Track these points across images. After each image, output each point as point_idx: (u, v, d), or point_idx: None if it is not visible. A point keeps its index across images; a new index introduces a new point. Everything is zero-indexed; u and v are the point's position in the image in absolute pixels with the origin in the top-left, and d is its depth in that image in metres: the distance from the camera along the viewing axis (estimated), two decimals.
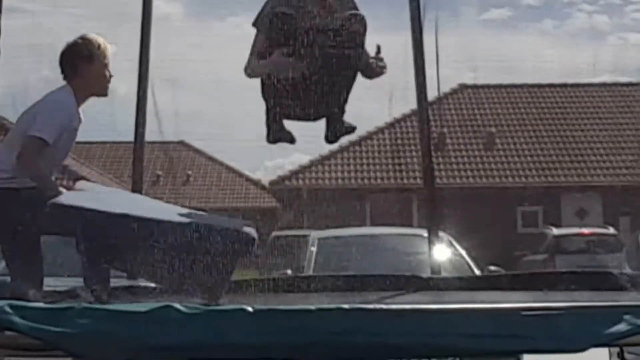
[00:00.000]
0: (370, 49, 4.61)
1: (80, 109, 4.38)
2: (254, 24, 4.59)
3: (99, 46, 4.35)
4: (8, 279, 4.20)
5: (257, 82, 4.57)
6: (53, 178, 4.35)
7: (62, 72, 4.37)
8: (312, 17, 4.44)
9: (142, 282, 5.18)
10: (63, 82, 4.35)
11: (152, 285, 4.82)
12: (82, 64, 4.31)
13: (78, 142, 4.56)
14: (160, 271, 3.93)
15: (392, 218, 19.93)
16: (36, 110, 4.23)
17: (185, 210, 4.23)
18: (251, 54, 4.55)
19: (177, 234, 3.84)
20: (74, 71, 4.32)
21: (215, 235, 3.86)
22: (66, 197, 4.01)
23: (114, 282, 4.28)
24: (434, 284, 4.91)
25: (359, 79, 4.62)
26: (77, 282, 4.29)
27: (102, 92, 4.46)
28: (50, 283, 4.37)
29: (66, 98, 4.27)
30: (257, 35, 4.57)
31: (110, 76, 4.43)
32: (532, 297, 4.21)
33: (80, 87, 4.32)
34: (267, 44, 4.42)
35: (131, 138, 5.89)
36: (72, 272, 4.57)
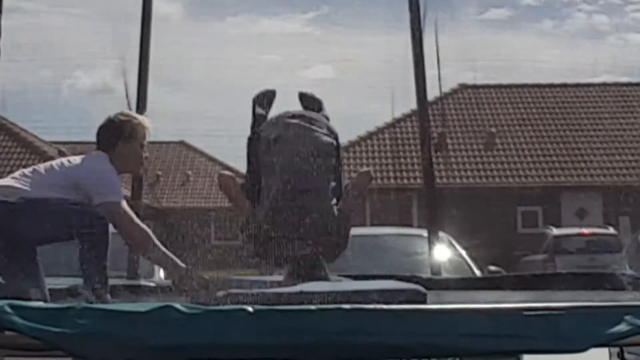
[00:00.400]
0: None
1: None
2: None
3: (141, 127, 4.36)
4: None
5: (256, 81, 4.57)
6: None
7: (98, 143, 4.33)
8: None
9: (143, 282, 5.19)
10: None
11: (152, 284, 4.83)
12: (122, 142, 4.29)
13: (78, 143, 4.57)
14: None
15: (392, 218, 19.94)
16: (84, 178, 4.11)
17: None
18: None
19: None
20: (112, 147, 4.28)
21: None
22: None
23: (114, 282, 4.29)
24: (435, 284, 4.91)
25: (359, 80, 4.62)
26: (77, 281, 4.29)
27: (136, 171, 4.50)
28: (50, 282, 4.36)
29: (112, 167, 4.21)
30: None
31: (146, 157, 4.41)
32: (532, 297, 4.21)
33: (116, 163, 4.27)
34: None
35: None
36: (71, 271, 4.56)
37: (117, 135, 4.30)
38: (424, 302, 3.51)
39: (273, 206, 4.24)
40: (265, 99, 4.70)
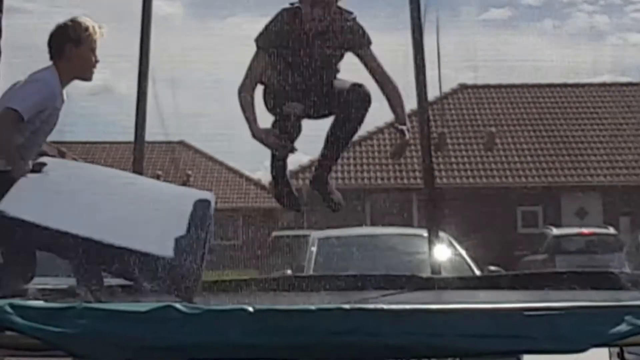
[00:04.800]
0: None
1: (64, 91, 4.35)
2: (256, 40, 4.56)
3: (86, 29, 4.34)
4: None
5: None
6: (30, 161, 4.21)
7: (50, 52, 4.36)
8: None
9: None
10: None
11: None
12: (68, 46, 4.30)
13: (78, 142, 4.57)
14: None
15: (392, 218, 19.94)
16: (17, 87, 4.22)
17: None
18: (247, 76, 4.54)
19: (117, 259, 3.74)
20: (60, 53, 4.31)
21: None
22: (13, 205, 3.80)
23: (114, 282, 4.28)
24: (434, 284, 4.91)
25: (359, 80, 4.63)
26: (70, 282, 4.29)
27: (87, 76, 4.43)
28: (50, 282, 4.36)
29: (49, 77, 4.25)
30: (257, 54, 4.55)
31: (96, 61, 4.40)
32: (532, 297, 4.21)
33: (65, 69, 4.30)
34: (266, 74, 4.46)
35: (131, 138, 5.88)
36: (70, 272, 4.57)
37: (65, 40, 4.31)
38: None
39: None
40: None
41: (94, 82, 4.44)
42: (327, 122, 4.76)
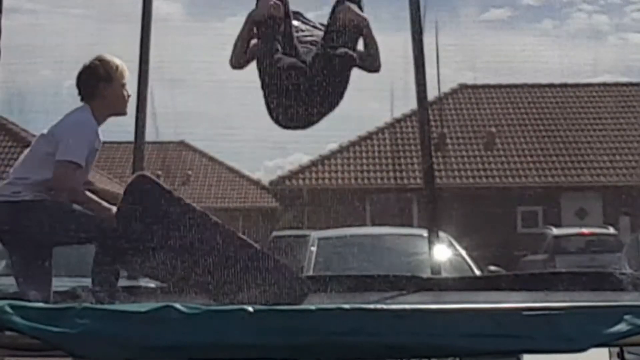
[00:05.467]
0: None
1: (100, 129, 4.39)
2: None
3: (116, 67, 4.39)
4: (6, 279, 4.20)
5: (256, 81, 4.57)
6: None
7: (80, 93, 4.39)
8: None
9: (143, 282, 5.19)
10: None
11: (152, 285, 4.83)
12: (101, 85, 4.34)
13: None
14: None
15: (392, 218, 19.93)
16: (60, 133, 4.22)
17: None
18: (235, 43, 4.55)
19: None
20: (92, 92, 4.34)
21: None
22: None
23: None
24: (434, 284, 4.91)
25: (359, 80, 4.63)
26: (77, 282, 4.30)
27: (122, 111, 4.51)
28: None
29: (89, 119, 4.29)
30: (246, 23, 4.56)
31: (129, 96, 4.47)
32: (532, 297, 4.21)
33: (100, 108, 4.34)
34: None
35: (131, 138, 5.89)
36: (72, 272, 4.58)
37: (96, 79, 4.34)
38: None
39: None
40: None
41: None
42: (328, 123, 4.76)
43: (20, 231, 4.03)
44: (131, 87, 5.63)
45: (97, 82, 4.34)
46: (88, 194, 4.22)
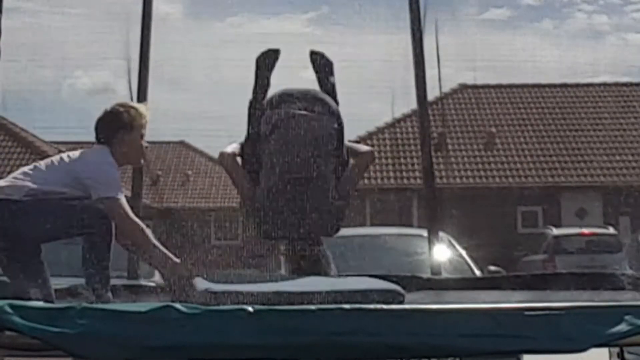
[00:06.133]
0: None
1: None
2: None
3: (139, 115, 4.32)
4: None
5: None
6: None
7: (97, 136, 4.30)
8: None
9: (143, 282, 5.19)
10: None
11: (152, 284, 4.83)
12: (121, 133, 4.25)
13: (79, 142, 4.55)
14: None
15: (392, 218, 19.93)
16: (88, 171, 4.10)
17: None
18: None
19: None
20: (111, 138, 4.25)
21: None
22: None
23: (114, 282, 4.28)
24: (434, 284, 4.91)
25: (359, 80, 4.62)
26: (77, 281, 4.29)
27: (137, 163, 4.47)
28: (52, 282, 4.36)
29: (112, 161, 4.18)
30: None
31: (146, 147, 4.38)
32: (532, 297, 4.21)
33: (119, 155, 4.24)
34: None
35: None
36: (72, 272, 4.57)
37: (116, 127, 4.26)
38: (402, 303, 3.51)
39: (272, 190, 4.25)
40: (267, 60, 4.67)
41: (94, 82, 4.45)
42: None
43: (4, 231, 3.99)
44: (131, 86, 5.63)
45: (117, 129, 4.25)
46: (152, 238, 4.10)
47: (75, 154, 4.26)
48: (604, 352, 3.84)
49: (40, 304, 2.74)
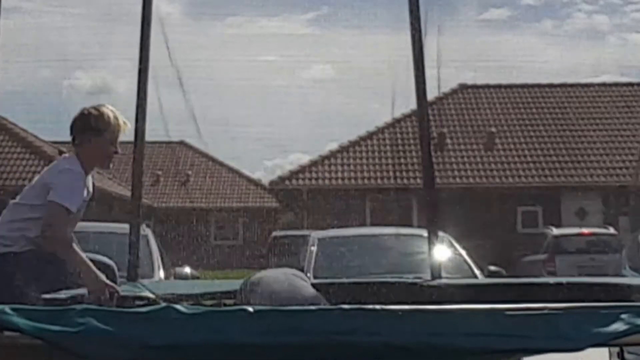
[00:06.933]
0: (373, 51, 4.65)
1: (89, 179, 4.36)
2: None
3: (108, 120, 4.32)
4: None
5: (256, 81, 4.58)
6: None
7: (72, 138, 4.34)
8: None
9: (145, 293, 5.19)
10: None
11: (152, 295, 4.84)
12: (88, 135, 4.28)
13: None
14: None
15: (392, 218, 19.93)
16: (52, 179, 4.17)
17: None
18: None
19: None
20: (82, 140, 4.29)
21: None
22: None
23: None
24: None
25: (359, 80, 4.63)
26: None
27: (104, 166, 4.46)
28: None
29: (79, 169, 4.23)
30: None
31: (116, 152, 4.38)
32: (532, 297, 4.21)
33: (86, 158, 4.27)
34: None
35: (131, 138, 5.88)
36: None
37: (86, 129, 4.29)
38: None
39: None
40: None
41: (94, 81, 4.47)
42: (330, 127, 4.76)
43: (9, 283, 4.01)
44: (131, 86, 5.63)
45: (85, 131, 4.28)
46: (77, 249, 4.14)
47: (53, 163, 4.35)
48: (604, 352, 3.84)
49: (41, 305, 2.74)
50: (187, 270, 12.10)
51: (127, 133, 4.50)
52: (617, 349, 3.77)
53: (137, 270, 5.63)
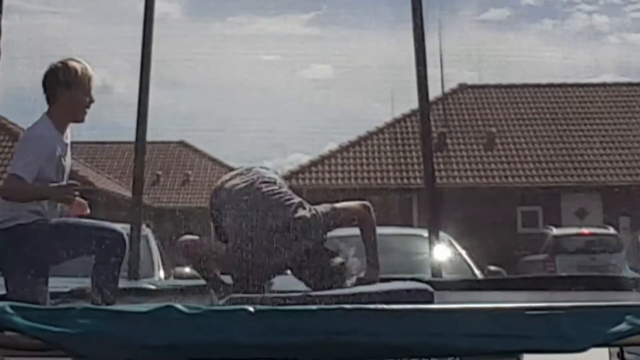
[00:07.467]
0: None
1: (68, 130, 4.35)
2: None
3: (76, 73, 4.29)
4: None
5: (256, 81, 4.59)
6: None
7: (45, 95, 4.34)
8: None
9: (145, 284, 5.19)
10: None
11: (152, 287, 4.84)
12: (60, 90, 4.27)
13: (79, 142, 4.55)
14: None
15: (392, 218, 19.91)
16: (18, 147, 4.29)
17: None
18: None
19: None
20: (53, 96, 4.29)
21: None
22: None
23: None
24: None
25: (360, 79, 4.63)
26: (79, 282, 4.31)
27: (79, 118, 4.42)
28: (56, 285, 4.37)
29: (44, 132, 4.23)
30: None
31: (91, 102, 4.36)
32: (532, 297, 4.21)
33: (58, 114, 4.28)
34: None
35: (131, 138, 5.89)
36: (73, 272, 4.58)
37: (57, 83, 4.28)
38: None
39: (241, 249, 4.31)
40: None
41: (94, 81, 4.43)
42: (330, 127, 4.76)
43: (17, 255, 4.02)
44: (131, 86, 5.63)
45: (55, 87, 4.28)
46: (32, 184, 4.13)
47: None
48: (604, 352, 3.84)
49: (41, 305, 2.73)
50: (187, 270, 12.09)
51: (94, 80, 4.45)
52: (617, 349, 3.77)
53: (137, 270, 5.64)
